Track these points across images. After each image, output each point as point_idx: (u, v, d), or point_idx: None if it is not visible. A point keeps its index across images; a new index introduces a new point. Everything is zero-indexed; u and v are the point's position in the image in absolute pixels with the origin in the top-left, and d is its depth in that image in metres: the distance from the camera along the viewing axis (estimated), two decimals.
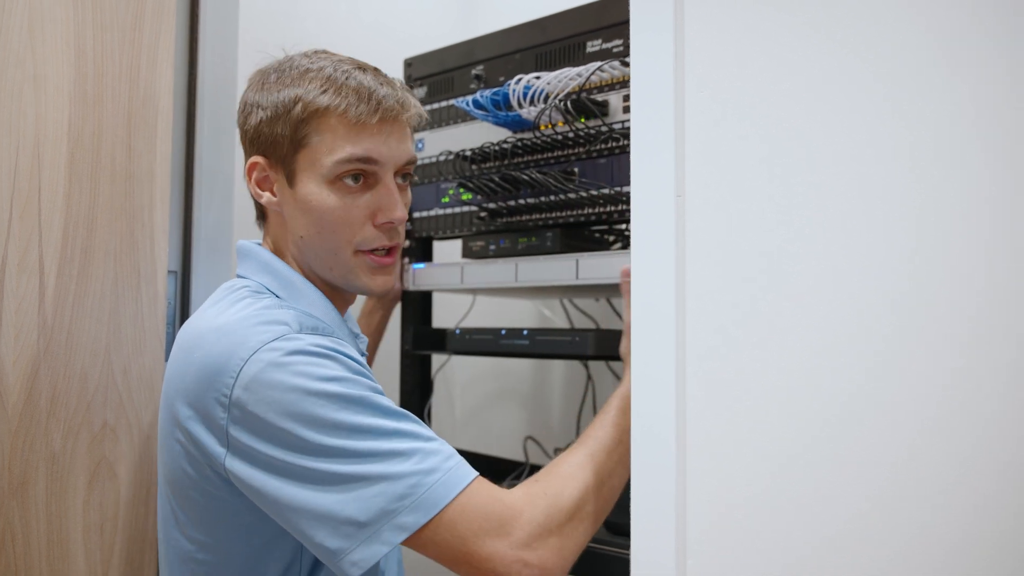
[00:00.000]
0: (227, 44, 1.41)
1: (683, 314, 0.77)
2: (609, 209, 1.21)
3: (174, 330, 1.33)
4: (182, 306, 1.35)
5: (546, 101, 1.23)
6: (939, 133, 0.66)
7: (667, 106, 0.79)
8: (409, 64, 1.52)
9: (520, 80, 1.25)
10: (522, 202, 1.30)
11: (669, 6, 0.79)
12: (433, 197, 1.45)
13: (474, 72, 1.40)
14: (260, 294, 1.00)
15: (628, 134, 0.99)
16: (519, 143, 1.29)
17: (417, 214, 1.47)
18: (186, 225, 1.37)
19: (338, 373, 0.89)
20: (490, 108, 1.28)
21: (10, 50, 1.04)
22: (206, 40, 1.37)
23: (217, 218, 1.38)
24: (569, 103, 1.21)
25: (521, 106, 1.26)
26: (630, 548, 0.79)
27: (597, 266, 1.19)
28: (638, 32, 0.83)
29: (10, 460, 1.03)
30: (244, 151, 1.08)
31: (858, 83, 0.70)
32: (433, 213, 1.45)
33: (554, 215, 1.29)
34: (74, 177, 1.10)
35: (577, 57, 1.27)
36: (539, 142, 1.27)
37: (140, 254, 1.18)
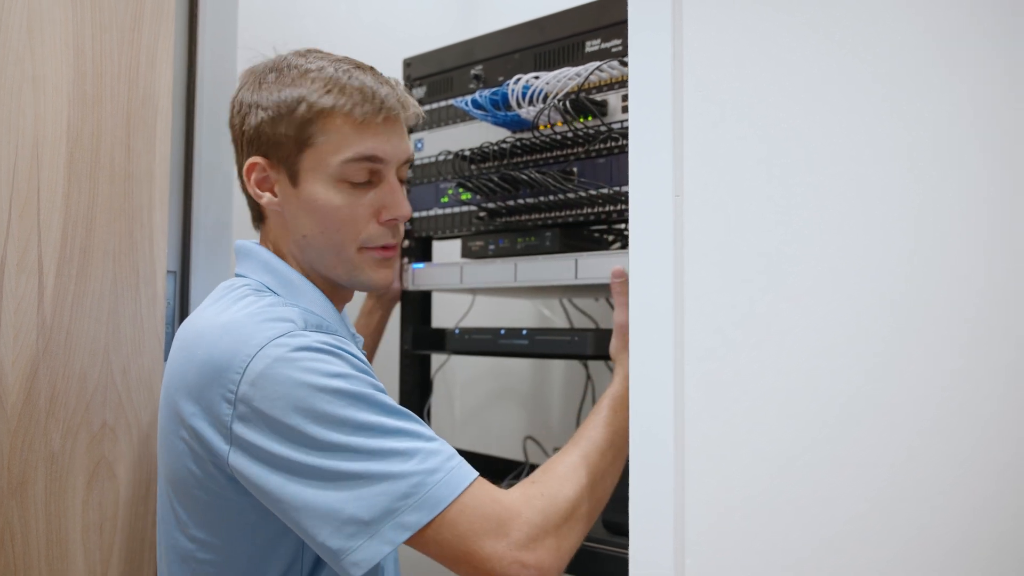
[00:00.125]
0: (226, 44, 1.41)
1: (681, 315, 0.77)
2: (608, 209, 1.21)
3: (173, 330, 1.33)
4: (181, 306, 1.35)
5: (545, 101, 1.23)
6: (937, 133, 0.66)
7: (665, 106, 0.79)
8: (408, 64, 1.52)
9: (519, 80, 1.25)
10: (521, 202, 1.30)
11: (667, 6, 0.79)
12: (432, 197, 1.45)
13: (473, 72, 1.40)
14: (261, 292, 1.00)
15: (627, 134, 0.99)
16: (518, 143, 1.29)
17: (416, 214, 1.47)
18: (185, 225, 1.36)
19: (344, 370, 0.89)
20: (489, 108, 1.28)
21: (9, 50, 1.04)
22: (205, 40, 1.37)
23: (216, 218, 1.38)
24: (568, 103, 1.21)
25: (520, 106, 1.26)
26: (629, 548, 0.79)
27: (596, 266, 1.19)
28: (636, 32, 0.83)
29: (9, 460, 1.03)
30: (238, 152, 1.08)
31: (857, 84, 0.70)
32: (432, 213, 1.45)
33: (553, 215, 1.29)
34: (73, 177, 1.10)
35: (576, 57, 1.27)
36: (538, 142, 1.27)
37: (139, 254, 1.18)
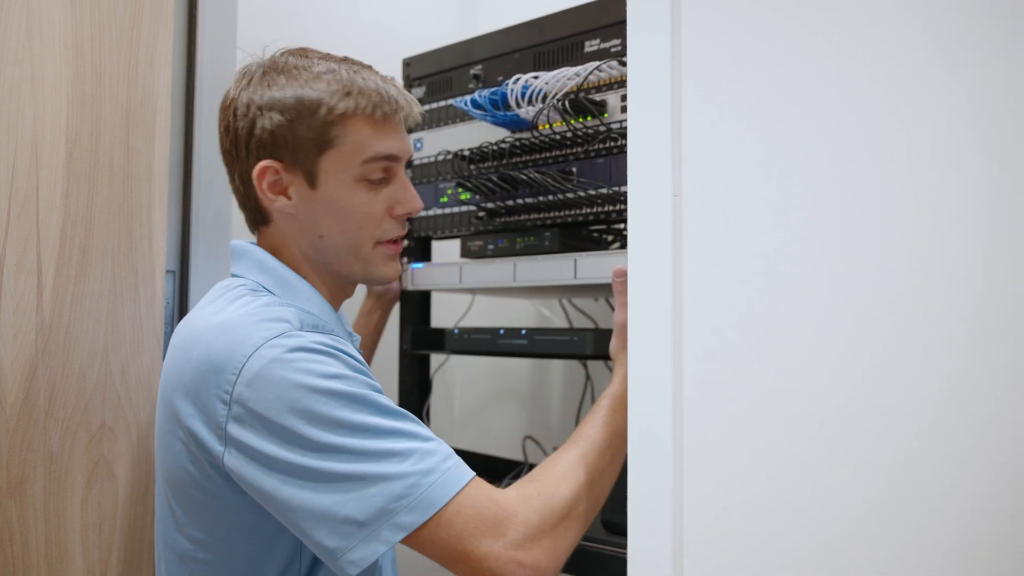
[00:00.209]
0: (225, 43, 1.40)
1: (680, 315, 0.77)
2: (607, 209, 1.21)
3: (172, 330, 1.32)
4: (180, 306, 1.35)
5: (544, 101, 1.23)
6: (936, 135, 0.66)
7: (664, 107, 0.79)
8: (408, 64, 1.52)
9: (518, 80, 1.25)
10: (520, 202, 1.30)
11: (666, 7, 0.79)
12: (432, 197, 1.45)
13: (472, 72, 1.40)
14: (257, 292, 1.00)
15: (626, 134, 0.99)
16: (517, 143, 1.29)
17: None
18: (184, 225, 1.36)
19: (340, 371, 0.89)
20: (488, 108, 1.28)
21: (8, 50, 1.04)
22: (204, 39, 1.37)
23: (215, 218, 1.38)
24: (567, 103, 1.21)
25: (519, 106, 1.26)
26: (627, 548, 0.79)
27: (595, 266, 1.19)
28: (635, 33, 0.83)
29: (8, 459, 1.03)
30: (241, 156, 1.05)
31: (855, 85, 0.70)
32: (432, 213, 1.45)
33: (552, 215, 1.29)
34: (72, 177, 1.10)
35: (575, 57, 1.27)
36: (537, 142, 1.27)
37: (138, 254, 1.18)
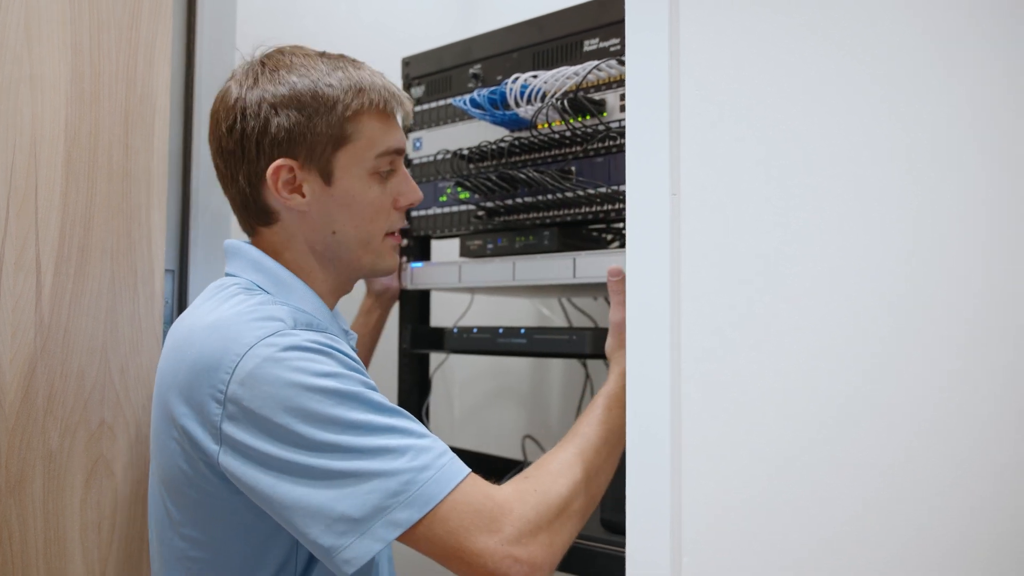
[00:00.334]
0: (225, 42, 1.40)
1: (678, 314, 0.77)
2: (606, 208, 1.21)
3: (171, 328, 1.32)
4: (179, 305, 1.35)
5: (543, 100, 1.23)
6: (936, 135, 0.66)
7: (663, 106, 0.79)
8: (407, 63, 1.52)
9: (517, 79, 1.25)
10: (519, 201, 1.30)
11: (664, 7, 0.79)
12: (431, 196, 1.45)
13: (471, 71, 1.40)
14: (252, 291, 1.00)
15: (625, 133, 0.99)
16: (516, 142, 1.29)
17: (415, 213, 1.47)
18: (183, 224, 1.36)
19: (334, 369, 0.90)
20: (487, 107, 1.28)
21: (6, 48, 1.03)
22: (203, 38, 1.37)
23: (214, 217, 1.38)
24: (566, 102, 1.21)
25: (518, 105, 1.26)
26: (626, 547, 0.79)
27: (594, 265, 1.19)
28: (633, 32, 0.83)
29: (7, 458, 1.03)
30: (250, 155, 1.03)
31: (855, 85, 0.70)
32: (431, 212, 1.45)
33: (551, 214, 1.29)
34: (71, 176, 1.10)
35: (574, 56, 1.27)
36: (536, 141, 1.27)
37: (137, 253, 1.18)
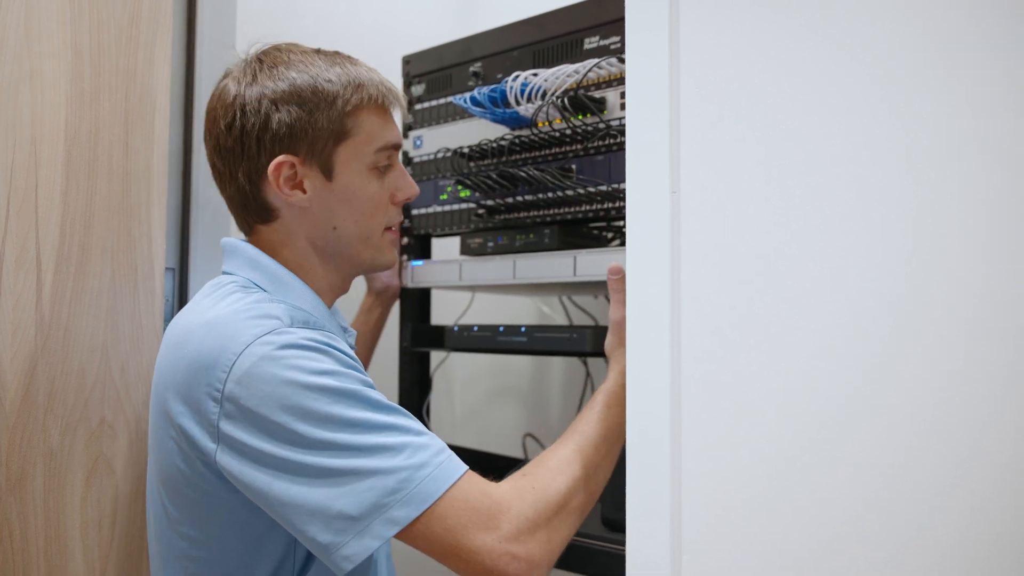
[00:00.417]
0: (225, 41, 1.40)
1: (678, 310, 0.77)
2: (607, 206, 1.21)
3: None
4: (179, 303, 1.35)
5: (543, 98, 1.23)
6: (936, 135, 0.66)
7: (662, 103, 0.79)
8: (407, 61, 1.51)
9: (517, 77, 1.25)
10: (520, 199, 1.30)
11: (664, 7, 0.79)
12: (431, 194, 1.45)
13: (472, 69, 1.40)
14: (248, 289, 1.00)
15: (625, 131, 0.99)
16: (516, 140, 1.29)
17: (415, 211, 1.47)
18: (183, 222, 1.36)
19: (330, 367, 0.89)
20: (488, 105, 1.28)
21: (7, 47, 1.03)
22: (204, 37, 1.37)
23: (214, 215, 1.38)
24: (566, 100, 1.21)
25: (519, 103, 1.26)
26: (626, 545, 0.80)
27: (595, 263, 1.19)
28: (633, 31, 0.83)
29: (7, 456, 1.03)
30: (250, 152, 1.02)
31: (855, 85, 0.69)
32: (431, 210, 1.45)
33: (552, 212, 1.29)
34: (71, 175, 1.10)
35: (574, 54, 1.27)
36: (536, 139, 1.27)
37: (137, 251, 1.18)
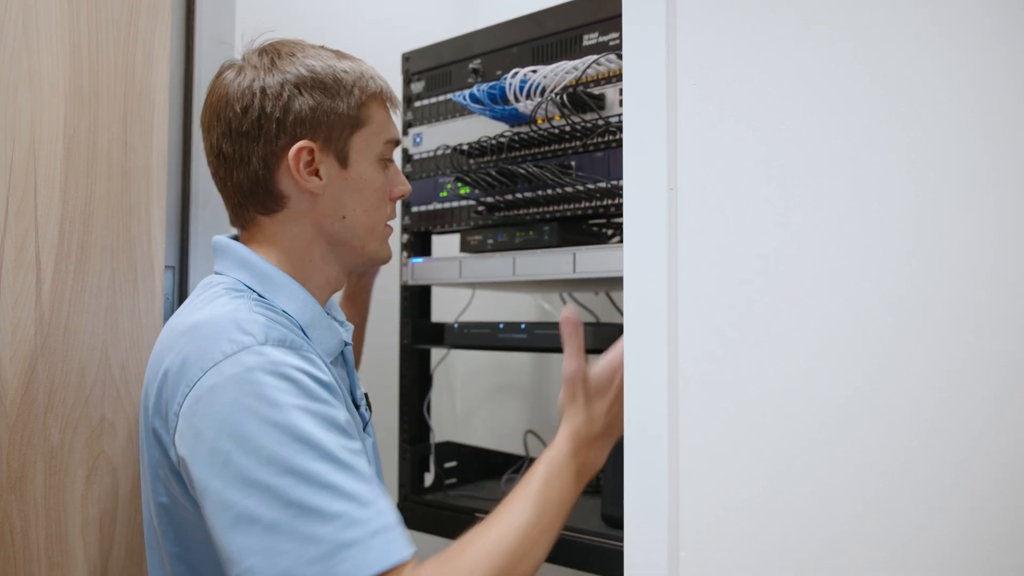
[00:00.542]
0: (224, 38, 1.40)
1: (676, 309, 0.77)
2: (606, 203, 1.21)
3: None
4: (179, 301, 1.35)
5: (542, 95, 1.23)
6: (937, 135, 0.66)
7: (659, 100, 0.79)
8: (407, 58, 1.51)
9: (516, 74, 1.24)
10: (519, 196, 1.30)
11: (661, 7, 0.79)
12: (431, 191, 1.44)
13: (471, 66, 1.39)
14: (238, 291, 0.97)
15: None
16: (516, 137, 1.29)
17: (415, 208, 1.47)
18: (183, 221, 1.36)
19: (292, 400, 0.85)
20: (487, 102, 1.28)
21: (5, 46, 1.03)
22: (202, 34, 1.37)
23: (214, 214, 1.38)
24: (565, 97, 1.21)
25: (518, 100, 1.25)
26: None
27: (594, 259, 1.19)
28: (630, 26, 0.83)
29: (8, 454, 1.03)
30: (268, 136, 1.00)
31: (855, 85, 0.69)
32: (431, 207, 1.45)
33: (551, 209, 1.29)
34: (70, 173, 1.10)
35: (574, 51, 1.27)
36: (536, 136, 1.27)
37: (137, 250, 1.18)
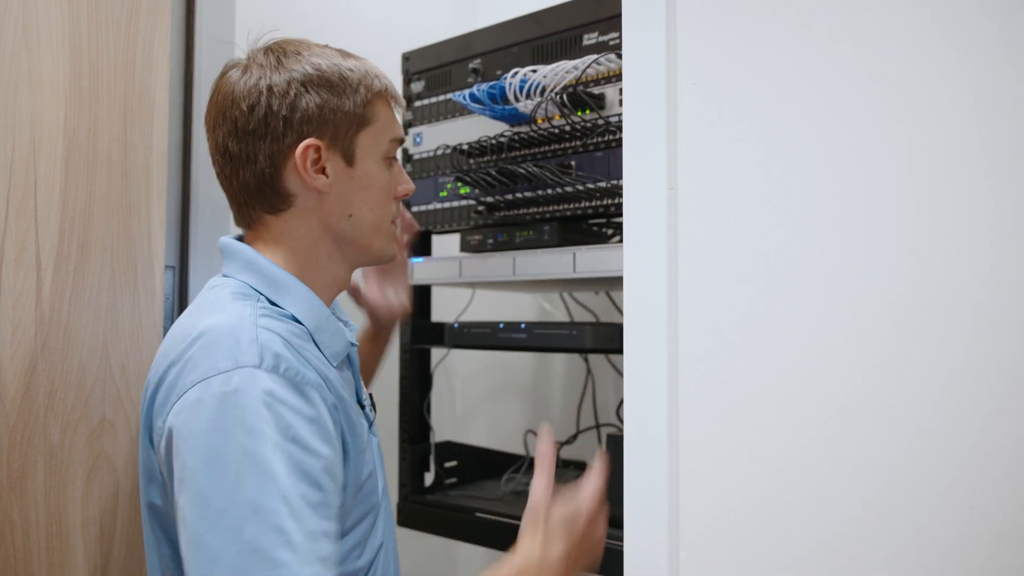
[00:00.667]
0: (224, 38, 1.40)
1: (676, 308, 0.77)
2: (606, 202, 1.21)
3: (171, 325, 1.32)
4: (179, 301, 1.35)
5: (542, 94, 1.23)
6: (936, 135, 0.66)
7: (659, 100, 0.79)
8: (407, 58, 1.51)
9: (516, 74, 1.24)
10: (519, 196, 1.30)
11: (661, 7, 0.79)
12: (431, 191, 1.44)
13: (471, 66, 1.39)
14: (246, 296, 0.97)
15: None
16: (516, 137, 1.29)
17: (415, 208, 1.47)
18: (183, 220, 1.36)
19: (272, 433, 0.84)
20: (487, 102, 1.28)
21: (5, 46, 1.03)
22: (202, 33, 1.37)
23: (214, 213, 1.38)
24: (565, 96, 1.21)
25: (518, 100, 1.25)
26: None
27: (594, 259, 1.19)
28: (629, 25, 0.83)
29: (8, 454, 1.04)
30: (275, 134, 0.99)
31: (855, 85, 0.69)
32: (431, 207, 1.45)
33: (551, 208, 1.29)
34: (70, 173, 1.10)
35: (574, 50, 1.27)
36: (536, 136, 1.27)
37: (137, 250, 1.18)
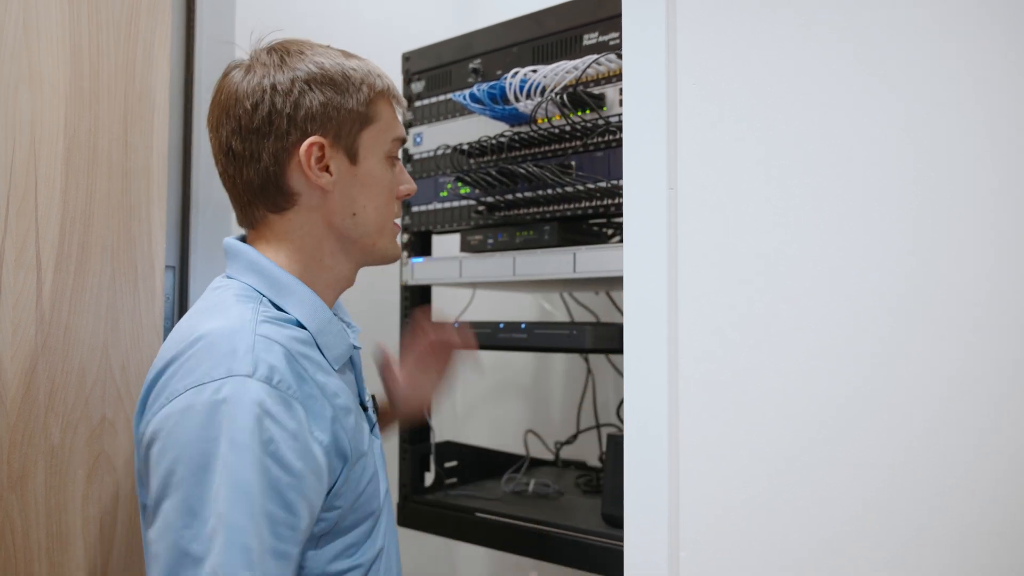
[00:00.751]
0: (224, 39, 1.40)
1: (676, 307, 0.77)
2: (606, 202, 1.21)
3: (171, 325, 1.32)
4: (180, 301, 1.35)
5: (542, 94, 1.23)
6: (936, 135, 0.66)
7: (659, 100, 0.79)
8: (407, 58, 1.51)
9: (516, 74, 1.24)
10: (519, 196, 1.30)
11: (661, 8, 0.79)
12: (431, 191, 1.44)
13: (471, 66, 1.39)
14: (249, 297, 0.97)
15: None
16: (516, 137, 1.29)
17: (416, 208, 1.47)
18: (183, 220, 1.36)
19: (255, 447, 0.84)
20: (487, 102, 1.28)
21: (5, 46, 1.03)
22: (203, 34, 1.37)
23: (214, 213, 1.38)
24: (565, 96, 1.21)
25: (518, 100, 1.26)
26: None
27: (595, 259, 1.19)
28: (629, 25, 0.83)
29: (9, 454, 1.04)
30: (279, 132, 0.99)
31: (855, 85, 0.69)
32: (431, 207, 1.45)
33: (551, 208, 1.29)
34: (71, 173, 1.10)
35: (574, 50, 1.27)
36: (536, 136, 1.27)
37: (137, 250, 1.18)
